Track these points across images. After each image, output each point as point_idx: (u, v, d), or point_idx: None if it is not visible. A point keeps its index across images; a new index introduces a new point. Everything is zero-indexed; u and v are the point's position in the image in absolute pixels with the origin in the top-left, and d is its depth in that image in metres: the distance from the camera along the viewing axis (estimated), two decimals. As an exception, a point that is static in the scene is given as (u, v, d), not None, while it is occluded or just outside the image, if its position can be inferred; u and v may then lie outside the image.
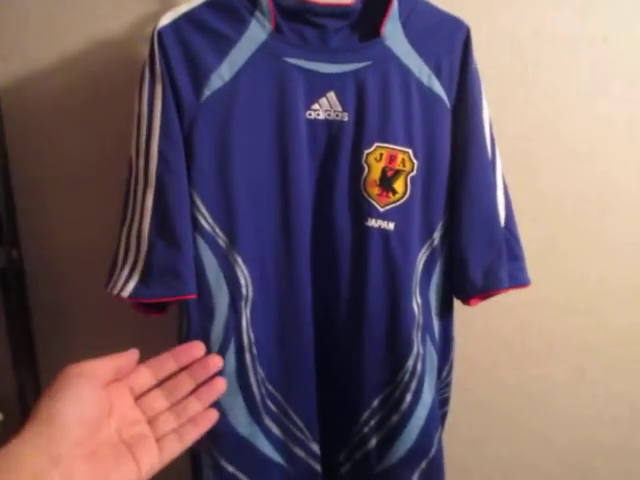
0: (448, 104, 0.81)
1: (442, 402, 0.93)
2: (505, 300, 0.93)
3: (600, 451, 1.18)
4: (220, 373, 0.79)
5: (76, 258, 1.04)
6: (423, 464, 0.85)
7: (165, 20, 0.75)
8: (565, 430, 1.16)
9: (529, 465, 1.19)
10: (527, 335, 1.12)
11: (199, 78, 0.75)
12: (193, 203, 0.77)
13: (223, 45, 0.75)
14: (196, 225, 0.78)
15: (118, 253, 0.79)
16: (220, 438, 0.81)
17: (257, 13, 0.75)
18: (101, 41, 0.94)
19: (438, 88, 0.81)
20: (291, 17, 0.77)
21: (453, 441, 0.98)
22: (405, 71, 0.79)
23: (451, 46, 0.81)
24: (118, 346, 1.09)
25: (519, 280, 0.86)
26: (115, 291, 0.77)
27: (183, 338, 0.81)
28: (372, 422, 0.85)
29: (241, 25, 0.75)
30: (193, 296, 0.78)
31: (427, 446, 0.85)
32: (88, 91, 0.96)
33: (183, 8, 0.76)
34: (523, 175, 1.01)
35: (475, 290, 0.84)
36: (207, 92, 0.75)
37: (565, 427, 1.17)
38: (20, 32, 0.94)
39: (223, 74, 0.75)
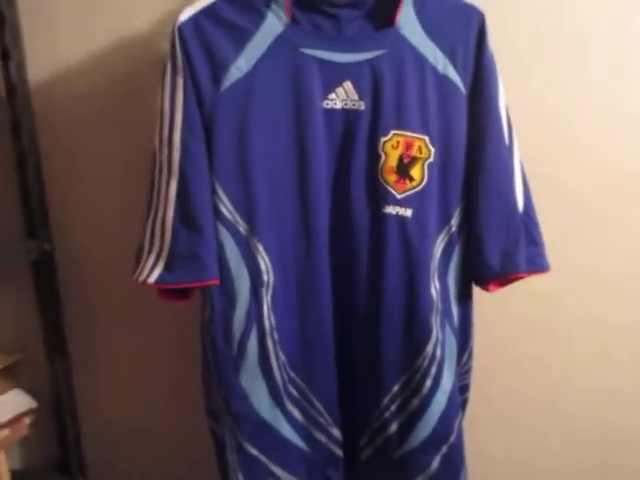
0: (464, 91, 0.82)
1: (462, 388, 0.93)
2: (527, 286, 0.92)
3: (625, 438, 1.15)
4: (243, 358, 0.83)
5: (103, 250, 1.08)
6: (444, 449, 0.86)
7: (185, 15, 0.77)
8: (589, 416, 1.14)
9: (553, 453, 1.17)
10: (551, 322, 1.10)
11: (218, 70, 0.77)
12: (214, 191, 0.79)
13: (241, 37, 0.78)
14: (217, 213, 0.80)
15: (144, 242, 0.82)
16: (243, 421, 0.83)
17: (273, 5, 0.77)
18: (125, 40, 0.98)
19: (453, 75, 0.81)
20: (306, 8, 0.79)
21: (476, 429, 0.98)
22: (420, 59, 0.80)
23: (466, 33, 0.81)
24: (144, 334, 1.13)
25: (538, 265, 0.86)
26: (142, 278, 0.80)
27: (207, 324, 0.84)
28: (393, 407, 0.86)
29: (258, 17, 0.78)
30: (215, 282, 0.80)
31: (447, 431, 0.86)
32: (114, 89, 1.00)
33: (202, 3, 0.78)
34: (541, 163, 1.00)
35: (492, 274, 0.84)
36: (226, 83, 0.78)
37: (589, 413, 1.15)
38: (50, 34, 0.99)
39: (241, 66, 0.78)
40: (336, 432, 0.87)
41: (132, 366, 1.13)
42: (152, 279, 0.79)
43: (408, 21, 0.80)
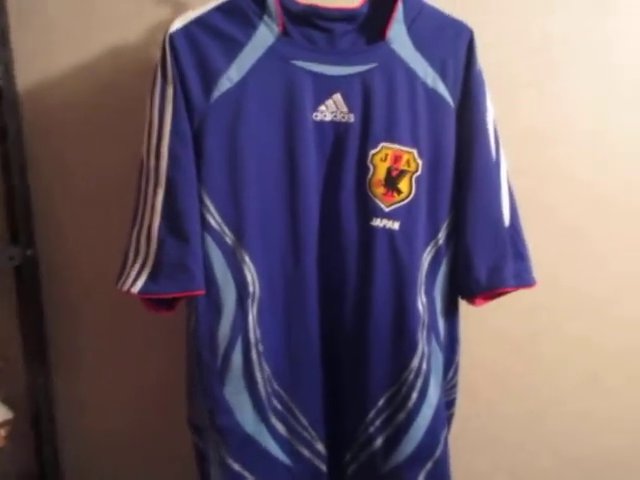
0: (452, 105, 0.83)
1: (448, 404, 0.93)
2: (515, 303, 0.93)
3: (613, 460, 1.16)
4: (227, 370, 0.82)
5: (88, 257, 1.06)
6: (429, 464, 0.85)
7: (177, 24, 0.77)
8: (578, 437, 1.15)
9: (542, 473, 1.17)
10: (538, 339, 1.11)
11: (209, 80, 0.77)
12: (202, 202, 0.79)
13: (232, 48, 0.78)
14: (204, 223, 0.79)
15: (129, 250, 0.81)
16: (228, 436, 0.82)
17: (265, 17, 0.78)
18: (116, 47, 0.98)
19: (442, 89, 0.82)
20: (299, 21, 0.79)
21: (462, 446, 0.97)
22: (410, 73, 0.81)
23: (455, 49, 0.83)
24: (128, 343, 1.11)
25: (524, 280, 0.87)
26: (125, 287, 0.79)
27: (192, 335, 0.83)
28: (378, 421, 0.85)
29: (250, 29, 0.78)
30: (201, 292, 0.79)
31: (433, 446, 0.85)
32: (104, 95, 0.99)
33: (194, 13, 0.78)
34: (528, 178, 1.01)
35: (479, 288, 0.84)
36: (216, 93, 0.77)
37: (577, 434, 1.15)
38: (43, 39, 0.98)
39: (232, 76, 0.78)
40: (320, 447, 0.86)
41: (115, 376, 1.11)
42: (136, 289, 0.78)
43: (399, 36, 0.80)
